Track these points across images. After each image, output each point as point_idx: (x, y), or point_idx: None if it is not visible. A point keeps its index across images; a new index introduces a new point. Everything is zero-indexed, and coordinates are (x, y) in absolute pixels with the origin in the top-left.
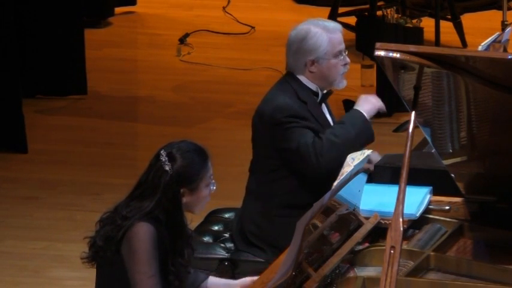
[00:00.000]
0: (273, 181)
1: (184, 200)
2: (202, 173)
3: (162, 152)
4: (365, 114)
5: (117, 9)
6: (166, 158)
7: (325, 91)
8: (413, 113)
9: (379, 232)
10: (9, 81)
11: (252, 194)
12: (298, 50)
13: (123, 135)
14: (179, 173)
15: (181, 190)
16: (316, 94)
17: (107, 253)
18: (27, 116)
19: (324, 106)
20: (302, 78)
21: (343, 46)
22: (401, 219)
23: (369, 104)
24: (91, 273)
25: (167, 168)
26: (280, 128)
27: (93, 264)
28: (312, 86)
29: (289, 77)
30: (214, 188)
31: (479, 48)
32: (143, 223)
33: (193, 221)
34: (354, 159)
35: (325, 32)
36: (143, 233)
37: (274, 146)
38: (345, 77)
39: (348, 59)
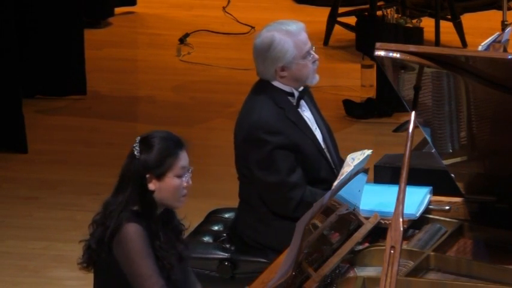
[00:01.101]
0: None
1: (152, 186)
2: (170, 160)
3: (136, 138)
4: None
5: (117, 9)
6: (138, 144)
7: (300, 89)
8: (413, 113)
9: (379, 232)
10: (9, 81)
11: (244, 201)
12: (265, 58)
13: (123, 135)
14: (146, 157)
15: (147, 175)
16: (291, 95)
17: (101, 255)
18: (27, 116)
19: (303, 104)
20: (275, 83)
21: (309, 45)
22: (401, 219)
23: None
24: (91, 273)
25: (136, 153)
26: (257, 147)
27: (90, 269)
28: (286, 88)
29: (263, 83)
30: (190, 181)
31: (479, 48)
32: (130, 224)
33: (192, 221)
34: (354, 159)
35: (290, 37)
36: (132, 234)
37: (251, 164)
38: (316, 71)
39: (316, 56)
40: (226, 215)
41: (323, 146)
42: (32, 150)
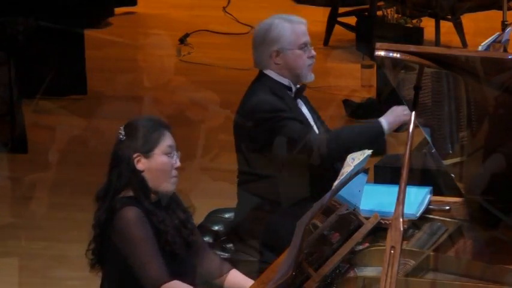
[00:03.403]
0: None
1: (141, 166)
2: (155, 136)
3: (121, 126)
4: (384, 126)
5: (117, 9)
6: (122, 128)
7: (298, 86)
8: (413, 113)
9: (379, 232)
10: (9, 81)
11: (242, 201)
12: (262, 42)
13: None
14: (131, 137)
15: (135, 155)
16: (289, 89)
17: (104, 246)
18: (27, 116)
19: (300, 102)
20: (271, 73)
21: (307, 39)
22: (401, 219)
23: (392, 116)
24: (91, 274)
25: (121, 136)
26: (267, 124)
27: (98, 269)
28: (284, 81)
29: (261, 76)
30: (177, 161)
31: (479, 48)
32: (126, 208)
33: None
34: (354, 159)
35: (288, 23)
36: (129, 218)
37: (266, 143)
38: (312, 70)
39: (313, 52)
40: (226, 215)
41: None
42: (32, 150)
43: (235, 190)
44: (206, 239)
